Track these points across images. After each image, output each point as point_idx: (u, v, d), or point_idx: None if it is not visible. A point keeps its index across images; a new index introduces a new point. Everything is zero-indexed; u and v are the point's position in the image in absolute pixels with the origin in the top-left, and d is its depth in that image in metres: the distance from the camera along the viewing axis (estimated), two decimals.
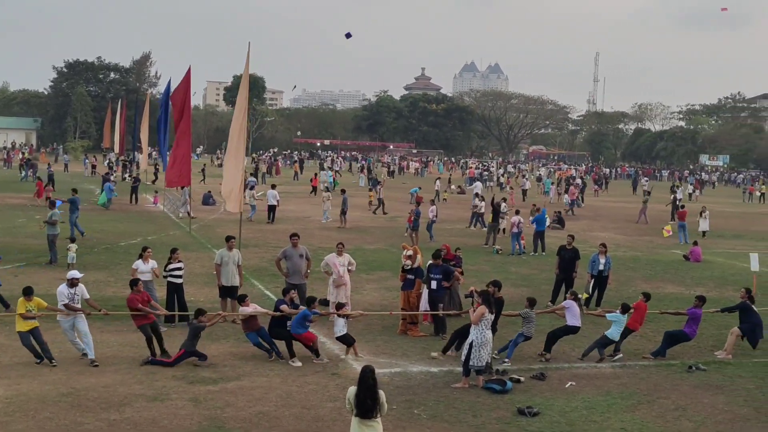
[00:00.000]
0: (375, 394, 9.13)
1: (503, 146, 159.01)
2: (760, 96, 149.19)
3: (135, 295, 14.81)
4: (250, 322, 15.13)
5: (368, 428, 9.13)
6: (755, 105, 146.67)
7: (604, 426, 12.08)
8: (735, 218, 48.79)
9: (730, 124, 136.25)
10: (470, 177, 72.67)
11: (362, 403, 9.10)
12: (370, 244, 30.59)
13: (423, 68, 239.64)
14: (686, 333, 16.34)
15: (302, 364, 14.61)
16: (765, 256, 28.82)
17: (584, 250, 23.66)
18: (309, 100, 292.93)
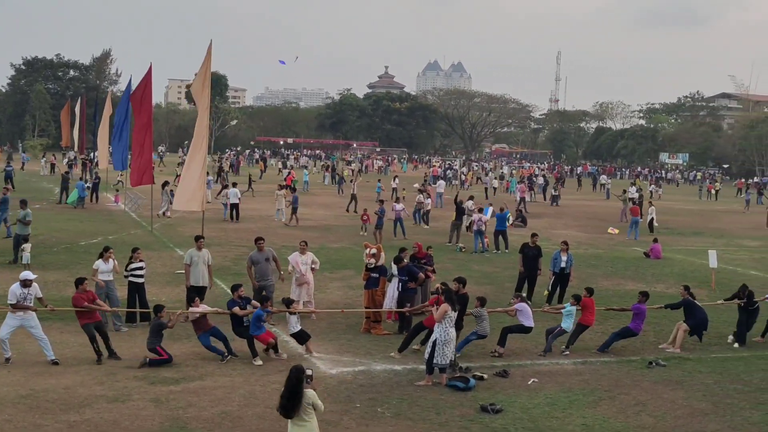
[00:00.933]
0: (296, 394, 9.11)
1: (466, 145, 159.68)
2: (719, 95, 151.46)
3: (80, 294, 14.59)
4: (200, 322, 14.96)
5: (299, 428, 9.16)
6: (714, 104, 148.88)
7: (566, 422, 12.18)
8: (694, 216, 49.47)
9: (690, 123, 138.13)
10: (434, 175, 72.85)
11: (282, 400, 9.16)
12: (333, 242, 30.54)
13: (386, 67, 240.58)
14: (631, 329, 16.57)
15: (263, 363, 14.57)
16: (723, 252, 29.34)
17: (547, 248, 23.83)
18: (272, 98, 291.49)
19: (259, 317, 14.89)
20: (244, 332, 14.99)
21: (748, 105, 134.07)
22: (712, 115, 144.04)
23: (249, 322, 14.99)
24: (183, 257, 19.20)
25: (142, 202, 39.23)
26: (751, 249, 34.48)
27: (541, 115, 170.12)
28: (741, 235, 40.13)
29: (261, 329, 14.92)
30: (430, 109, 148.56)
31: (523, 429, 11.82)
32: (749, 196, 60.54)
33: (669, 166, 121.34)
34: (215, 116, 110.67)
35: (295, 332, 15.26)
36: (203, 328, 14.97)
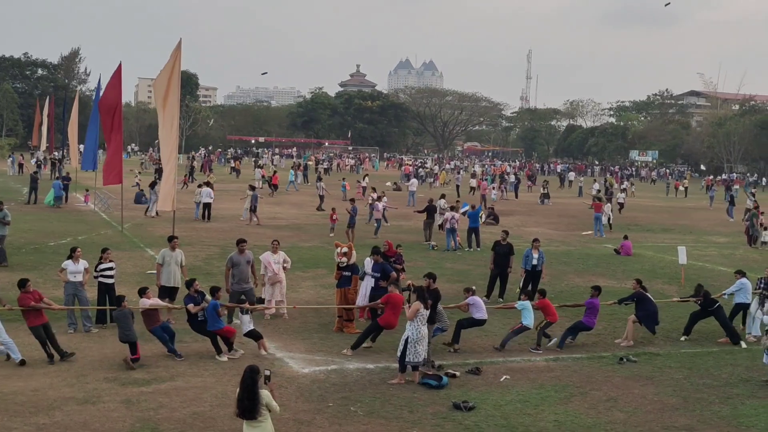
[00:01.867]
0: (253, 395, 9.12)
1: (438, 143, 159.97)
2: (687, 93, 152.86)
3: (25, 294, 14.39)
4: (152, 316, 14.73)
5: (255, 429, 9.14)
6: (682, 102, 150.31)
7: (538, 418, 12.25)
8: (663, 213, 49.90)
9: (659, 121, 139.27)
10: (406, 173, 72.94)
11: (240, 402, 9.12)
12: (305, 241, 30.46)
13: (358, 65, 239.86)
14: (585, 323, 16.70)
15: (228, 359, 14.52)
16: (692, 249, 29.64)
17: (518, 245, 23.91)
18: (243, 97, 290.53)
19: (215, 307, 14.67)
20: (203, 329, 14.81)
21: (716, 103, 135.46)
22: (681, 113, 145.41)
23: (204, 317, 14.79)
24: (154, 257, 19.10)
25: (111, 202, 38.90)
26: (719, 245, 34.85)
27: (512, 113, 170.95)
28: (710, 231, 40.55)
29: (220, 323, 14.71)
30: (401, 108, 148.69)
31: (496, 426, 11.86)
32: (713, 193, 61.24)
33: (640, 164, 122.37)
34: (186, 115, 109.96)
35: (248, 331, 15.06)
36: (155, 322, 14.73)
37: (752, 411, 12.93)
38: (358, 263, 18.16)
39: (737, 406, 13.17)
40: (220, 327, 14.76)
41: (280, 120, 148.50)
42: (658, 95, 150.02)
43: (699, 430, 12.03)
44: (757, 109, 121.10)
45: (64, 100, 77.26)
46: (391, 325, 15.31)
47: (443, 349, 15.73)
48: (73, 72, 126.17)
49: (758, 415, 12.72)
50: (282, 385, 13.30)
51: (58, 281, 17.62)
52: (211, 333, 14.78)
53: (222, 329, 14.78)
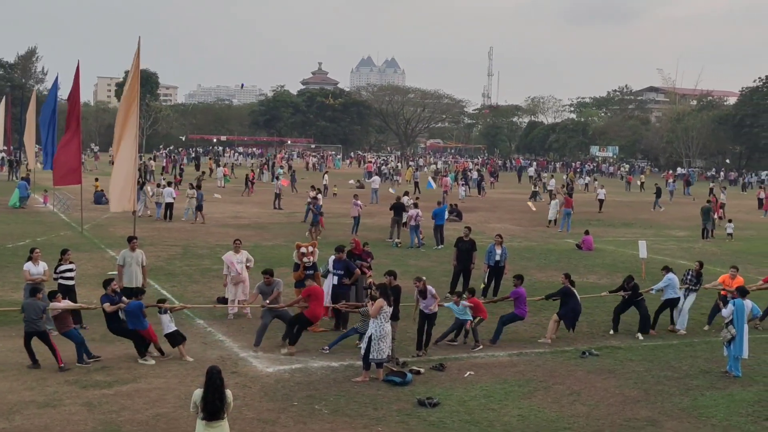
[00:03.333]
0: (222, 395, 9.12)
1: (401, 140, 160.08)
2: (646, 89, 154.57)
3: None
4: (64, 320, 14.29)
5: (215, 430, 9.10)
6: (642, 97, 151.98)
7: (502, 413, 12.33)
8: (624, 207, 50.44)
9: (619, 116, 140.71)
10: (368, 171, 72.95)
11: (210, 404, 9.05)
12: (268, 240, 30.33)
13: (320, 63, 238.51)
14: (517, 314, 16.78)
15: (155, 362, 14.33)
16: (652, 243, 30.00)
17: (481, 242, 24.04)
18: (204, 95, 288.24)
19: (140, 307, 14.32)
20: (122, 329, 14.49)
21: (675, 98, 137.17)
22: (641, 109, 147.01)
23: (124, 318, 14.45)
24: (115, 258, 18.89)
25: (71, 203, 38.40)
26: (679, 239, 35.34)
27: (474, 110, 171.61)
28: (669, 225, 41.08)
29: (142, 323, 14.38)
30: (364, 105, 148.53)
31: (460, 422, 11.92)
32: (673, 188, 62.10)
33: (600, 159, 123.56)
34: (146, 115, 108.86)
35: (169, 332, 14.64)
36: (68, 325, 14.28)
37: (712, 402, 13.13)
38: (323, 261, 18.14)
39: (697, 397, 13.37)
40: (143, 327, 14.37)
41: (242, 118, 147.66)
42: (618, 91, 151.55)
43: (660, 421, 12.19)
44: (714, 104, 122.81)
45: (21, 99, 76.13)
46: (317, 316, 15.58)
47: (409, 346, 15.73)
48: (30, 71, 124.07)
49: (717, 406, 12.92)
50: (246, 384, 13.26)
51: (17, 284, 17.37)
52: (132, 333, 14.39)
53: (145, 329, 14.37)
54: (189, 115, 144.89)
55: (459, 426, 11.76)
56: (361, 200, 35.32)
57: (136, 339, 14.49)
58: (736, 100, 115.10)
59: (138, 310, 14.38)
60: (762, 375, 14.75)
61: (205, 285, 21.39)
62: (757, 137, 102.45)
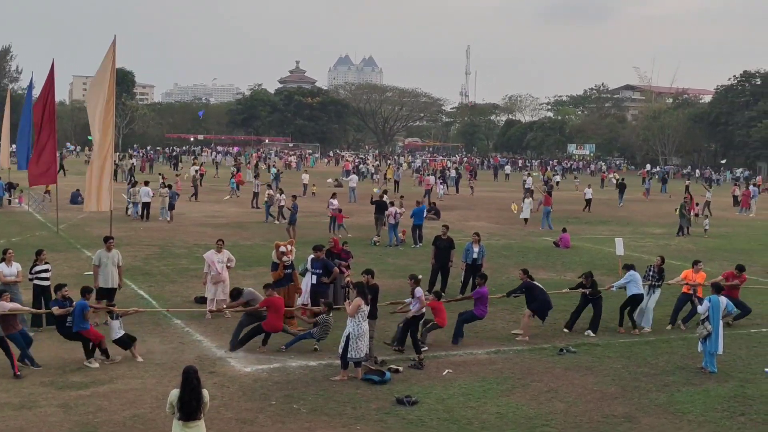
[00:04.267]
0: (199, 395, 9.07)
1: (379, 139, 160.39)
2: (623, 87, 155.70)
3: None
4: (9, 322, 13.87)
5: (191, 430, 9.04)
6: (618, 96, 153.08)
7: (481, 411, 12.35)
8: (601, 205, 50.70)
9: (596, 115, 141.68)
10: (346, 170, 72.89)
11: (187, 405, 9.00)
12: (246, 239, 30.22)
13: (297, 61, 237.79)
14: (476, 314, 16.56)
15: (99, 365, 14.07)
16: (629, 240, 30.19)
17: (459, 240, 24.09)
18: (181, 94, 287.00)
19: (84, 308, 14.04)
20: (70, 333, 14.20)
21: (651, 96, 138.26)
22: (617, 107, 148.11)
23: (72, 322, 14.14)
24: (90, 258, 18.76)
25: (46, 203, 38.10)
26: (655, 236, 35.59)
27: (452, 108, 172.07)
28: (646, 223, 41.38)
29: (85, 324, 14.07)
30: (342, 104, 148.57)
31: (439, 420, 11.93)
32: (649, 185, 62.55)
33: (577, 157, 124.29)
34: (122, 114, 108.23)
35: (118, 338, 14.35)
36: (12, 327, 13.88)
37: (688, 398, 13.23)
38: (300, 260, 18.11)
39: (674, 393, 13.47)
40: (85, 328, 14.07)
41: (219, 117, 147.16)
42: (595, 89, 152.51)
43: (637, 417, 12.27)
44: (690, 102, 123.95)
45: None
46: (275, 328, 15.19)
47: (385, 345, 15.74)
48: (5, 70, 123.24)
49: (693, 402, 13.03)
50: (224, 384, 13.21)
51: None
52: (78, 335, 14.12)
53: (88, 330, 14.09)
54: (166, 114, 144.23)
55: (437, 424, 11.78)
56: (339, 199, 35.28)
57: (83, 341, 14.19)
58: (711, 98, 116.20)
59: (81, 311, 14.05)
60: (737, 371, 14.89)
61: (183, 285, 21.29)
62: (732, 135, 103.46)
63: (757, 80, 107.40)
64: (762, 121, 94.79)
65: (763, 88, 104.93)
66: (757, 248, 32.25)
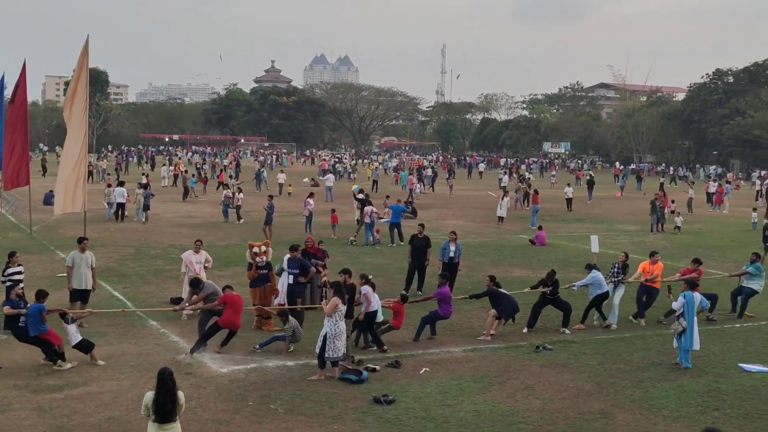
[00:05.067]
0: (174, 397, 9.04)
1: (355, 138, 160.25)
2: (597, 85, 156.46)
3: None
4: None
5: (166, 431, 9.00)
6: (593, 94, 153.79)
7: (458, 409, 12.38)
8: (576, 203, 50.95)
9: (570, 113, 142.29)
10: (323, 169, 72.78)
11: (162, 407, 8.96)
12: (222, 239, 30.08)
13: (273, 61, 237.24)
14: (440, 314, 16.53)
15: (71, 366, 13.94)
16: (604, 237, 30.36)
17: (435, 238, 24.11)
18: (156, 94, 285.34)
19: (41, 310, 13.79)
20: (25, 336, 13.96)
21: (625, 95, 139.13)
22: (592, 105, 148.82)
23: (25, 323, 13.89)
24: (64, 260, 18.59)
25: (19, 204, 37.68)
26: (630, 233, 35.84)
27: (428, 107, 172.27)
28: (620, 220, 41.67)
29: (43, 327, 13.83)
30: (318, 103, 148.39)
31: (416, 418, 11.95)
32: (624, 182, 62.96)
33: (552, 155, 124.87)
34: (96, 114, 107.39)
35: (77, 343, 14.09)
36: None
37: (663, 393, 13.34)
38: (277, 260, 18.05)
39: (649, 389, 13.57)
40: (44, 331, 13.83)
41: (195, 117, 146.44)
42: (569, 88, 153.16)
43: (613, 414, 12.35)
44: (663, 100, 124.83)
45: None
46: (233, 325, 14.85)
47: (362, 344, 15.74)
48: None
49: (668, 397, 13.13)
50: (200, 385, 13.14)
51: None
52: (36, 339, 13.87)
53: (47, 333, 13.85)
54: (140, 114, 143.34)
55: (414, 422, 11.79)
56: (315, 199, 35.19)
57: (41, 345, 13.93)
58: (685, 96, 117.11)
59: (38, 313, 13.80)
60: (711, 366, 15.02)
61: (158, 286, 21.16)
62: (705, 132, 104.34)
63: (729, 78, 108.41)
64: (734, 119, 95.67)
65: (735, 86, 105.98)
66: (730, 245, 32.56)
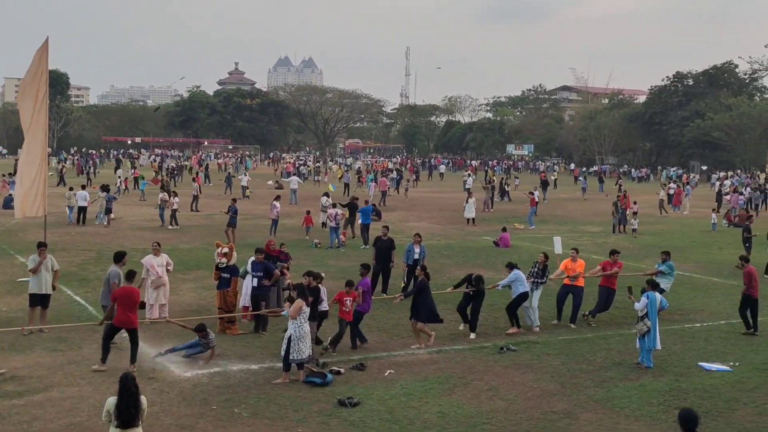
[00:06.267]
0: (137, 402, 8.97)
1: (320, 140, 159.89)
2: (560, 88, 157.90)
3: None
4: None
5: None
6: (555, 96, 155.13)
7: (423, 411, 12.40)
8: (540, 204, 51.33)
9: (534, 115, 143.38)
10: (287, 171, 72.58)
11: (125, 412, 8.88)
12: (185, 243, 29.87)
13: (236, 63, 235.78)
14: (359, 311, 15.91)
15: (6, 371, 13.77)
16: (567, 239, 30.59)
17: (400, 241, 24.16)
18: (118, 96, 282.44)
19: None
20: None
21: (587, 97, 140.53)
22: (555, 107, 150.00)
23: None
24: (25, 264, 18.34)
25: None
26: (593, 234, 36.18)
27: (392, 109, 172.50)
28: (583, 221, 42.04)
29: None
30: (282, 105, 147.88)
31: (381, 420, 11.95)
32: (585, 184, 63.62)
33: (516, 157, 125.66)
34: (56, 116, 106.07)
35: None
36: None
37: (625, 393, 13.47)
38: (242, 263, 17.96)
39: (611, 388, 13.70)
40: None
41: (157, 120, 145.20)
42: (532, 90, 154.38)
43: (576, 413, 12.45)
44: (625, 102, 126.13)
45: None
46: (128, 323, 14.07)
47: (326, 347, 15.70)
48: None
49: (630, 397, 13.27)
50: (163, 390, 13.04)
51: None
52: None
53: None
54: (102, 116, 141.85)
55: (379, 425, 11.79)
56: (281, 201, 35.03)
57: None
58: (646, 98, 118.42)
59: None
60: (672, 365, 15.21)
61: None
62: (666, 134, 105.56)
63: (689, 81, 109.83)
64: (694, 121, 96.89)
65: (695, 89, 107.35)
66: (690, 245, 33.00)
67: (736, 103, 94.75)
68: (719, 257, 29.68)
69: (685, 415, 8.45)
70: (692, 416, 8.40)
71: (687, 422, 8.35)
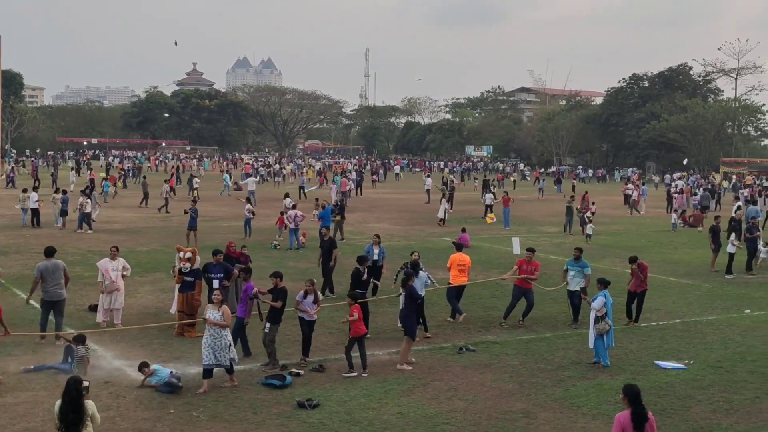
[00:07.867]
0: (79, 407, 8.81)
1: (279, 141, 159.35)
2: (518, 89, 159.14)
3: None
4: None
5: None
6: (514, 98, 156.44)
7: (382, 412, 12.41)
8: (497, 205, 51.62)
9: (492, 116, 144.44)
10: (245, 173, 72.16)
11: (65, 416, 8.75)
12: (143, 245, 29.55)
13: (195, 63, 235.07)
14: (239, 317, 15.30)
15: None
16: (525, 239, 30.84)
17: (360, 242, 24.16)
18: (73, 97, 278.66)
19: None
20: None
21: (545, 99, 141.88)
22: (513, 109, 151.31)
23: None
24: None
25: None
26: (550, 235, 36.48)
27: (352, 110, 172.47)
28: (541, 222, 42.40)
29: None
30: (240, 106, 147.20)
31: (340, 422, 11.93)
32: (543, 185, 64.22)
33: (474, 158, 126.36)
34: (10, 117, 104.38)
35: None
36: None
37: (582, 392, 13.61)
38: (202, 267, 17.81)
39: (569, 387, 13.83)
40: None
41: (114, 121, 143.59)
42: (491, 92, 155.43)
43: (534, 413, 12.54)
44: (582, 104, 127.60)
45: None
46: None
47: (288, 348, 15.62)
48: None
49: (588, 395, 13.41)
50: (120, 394, 12.89)
51: None
52: None
53: None
54: (57, 117, 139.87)
55: (339, 426, 11.77)
56: None
57: None
58: (603, 100, 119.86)
59: None
60: (629, 364, 15.40)
61: (76, 293, 20.60)
62: (622, 135, 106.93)
63: (645, 83, 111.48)
64: (650, 122, 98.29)
65: (651, 91, 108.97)
66: (648, 245, 33.40)
67: (690, 105, 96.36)
68: (674, 257, 30.11)
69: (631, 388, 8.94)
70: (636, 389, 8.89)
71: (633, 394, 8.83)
